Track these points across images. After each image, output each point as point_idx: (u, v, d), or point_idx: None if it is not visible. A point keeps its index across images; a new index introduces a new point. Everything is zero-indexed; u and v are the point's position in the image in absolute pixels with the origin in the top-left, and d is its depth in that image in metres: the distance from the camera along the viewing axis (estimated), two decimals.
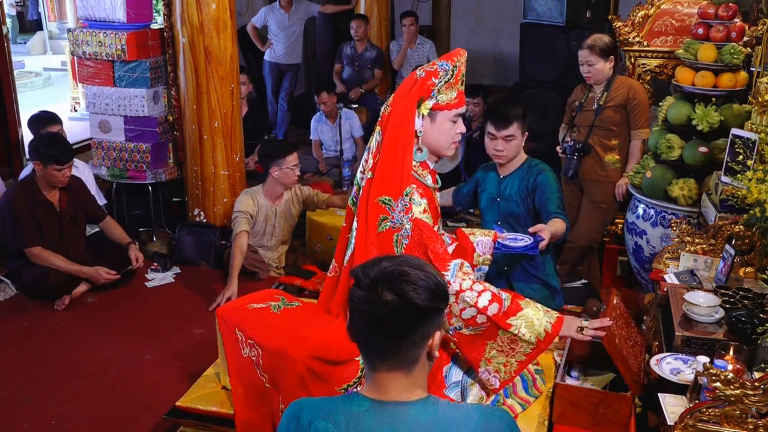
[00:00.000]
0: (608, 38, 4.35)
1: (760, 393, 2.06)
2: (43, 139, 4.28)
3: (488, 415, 1.54)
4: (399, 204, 2.38)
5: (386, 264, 1.51)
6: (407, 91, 2.44)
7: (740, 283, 2.91)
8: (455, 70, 2.43)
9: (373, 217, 2.41)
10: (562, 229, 3.12)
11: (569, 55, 6.36)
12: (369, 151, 2.53)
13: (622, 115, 4.35)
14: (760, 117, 3.30)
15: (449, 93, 2.45)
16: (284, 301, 2.80)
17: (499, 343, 2.41)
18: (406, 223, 2.38)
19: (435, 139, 2.50)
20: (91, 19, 5.03)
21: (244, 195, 4.58)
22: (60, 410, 3.32)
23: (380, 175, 2.42)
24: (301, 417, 1.56)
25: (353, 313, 1.52)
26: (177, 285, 4.61)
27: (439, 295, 1.50)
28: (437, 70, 2.42)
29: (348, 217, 2.63)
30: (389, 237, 2.38)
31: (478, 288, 2.37)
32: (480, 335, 2.40)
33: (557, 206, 3.23)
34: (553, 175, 3.35)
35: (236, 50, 4.89)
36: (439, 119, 2.48)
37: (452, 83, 2.44)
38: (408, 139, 2.42)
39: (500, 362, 2.44)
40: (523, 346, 2.42)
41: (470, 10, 10.90)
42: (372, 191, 2.43)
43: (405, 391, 1.52)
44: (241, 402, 2.63)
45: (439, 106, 2.45)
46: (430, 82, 2.42)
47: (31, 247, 4.22)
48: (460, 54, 2.46)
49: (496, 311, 2.35)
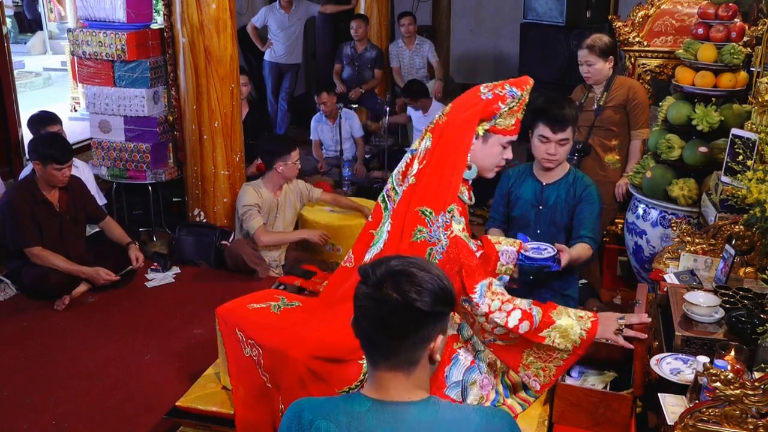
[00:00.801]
0: (608, 38, 4.35)
1: (760, 393, 2.05)
2: (42, 139, 4.28)
3: (489, 416, 1.55)
4: (440, 219, 2.36)
5: (394, 263, 1.52)
6: (468, 106, 2.42)
7: (740, 283, 2.91)
8: (521, 98, 2.43)
9: (410, 225, 2.38)
10: (585, 256, 3.09)
11: (569, 55, 6.35)
12: (416, 154, 2.50)
13: (622, 115, 4.35)
14: (760, 117, 3.30)
15: (509, 119, 2.45)
16: (284, 301, 2.79)
17: (535, 350, 2.45)
18: (444, 239, 2.35)
19: (481, 160, 2.50)
20: (91, 19, 5.03)
21: (247, 188, 4.63)
22: (60, 410, 3.32)
23: (425, 186, 2.40)
24: (302, 417, 1.56)
25: (357, 309, 1.53)
26: (177, 285, 4.61)
27: (443, 299, 1.50)
28: (506, 95, 2.40)
29: (376, 214, 2.61)
30: (423, 249, 2.36)
31: (507, 308, 2.38)
32: (515, 345, 2.45)
33: (591, 230, 3.19)
34: (598, 191, 3.31)
35: (236, 50, 4.89)
36: (491, 142, 2.48)
37: (515, 110, 2.44)
38: (462, 157, 2.40)
39: (539, 367, 2.47)
40: (559, 353, 2.45)
41: (470, 10, 10.91)
42: (414, 199, 2.40)
43: (406, 392, 1.53)
44: (242, 402, 2.63)
45: (496, 129, 2.46)
46: (496, 105, 2.40)
47: (31, 247, 4.22)
48: (529, 83, 2.45)
49: (527, 329, 2.38)
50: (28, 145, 4.35)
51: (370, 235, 2.59)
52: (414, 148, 2.54)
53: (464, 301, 2.40)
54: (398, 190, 2.52)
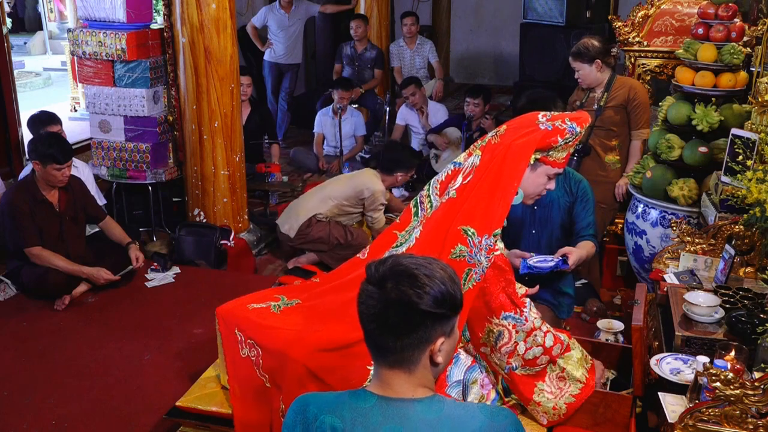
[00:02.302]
0: (594, 41, 4.31)
1: (760, 393, 2.06)
2: (42, 139, 4.28)
3: (494, 414, 1.55)
4: (483, 241, 2.34)
5: (400, 262, 1.52)
6: (525, 133, 2.43)
7: (740, 283, 2.91)
8: (578, 135, 2.46)
9: (451, 242, 2.36)
10: (591, 253, 3.14)
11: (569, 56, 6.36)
12: (460, 168, 2.49)
13: (622, 115, 4.35)
14: (760, 117, 3.30)
15: (561, 152, 2.49)
16: (284, 301, 2.79)
17: (548, 383, 2.48)
18: (485, 262, 2.34)
19: (527, 187, 2.54)
20: (91, 19, 5.02)
21: (379, 181, 4.79)
22: (60, 410, 3.32)
23: (472, 205, 2.38)
24: (307, 411, 1.56)
25: (359, 304, 1.53)
26: (177, 285, 4.61)
27: (443, 303, 1.50)
28: (566, 130, 2.42)
29: (404, 216, 2.61)
30: (461, 267, 2.34)
31: (544, 328, 2.45)
32: (532, 376, 2.48)
33: (592, 227, 3.22)
34: (589, 185, 3.34)
35: (236, 50, 4.89)
36: (540, 171, 2.53)
37: (570, 145, 2.48)
38: (515, 183, 2.40)
39: (549, 407, 2.50)
40: (570, 386, 2.49)
41: (470, 10, 10.91)
42: (458, 216, 2.38)
43: (410, 389, 1.53)
44: (239, 401, 2.63)
45: (546, 160, 2.50)
46: (554, 138, 2.43)
47: (31, 248, 4.21)
48: (587, 121, 2.50)
49: (558, 352, 2.48)
50: (28, 145, 4.35)
51: (394, 235, 2.58)
52: (459, 161, 2.53)
53: (507, 318, 2.41)
54: (433, 198, 2.51)
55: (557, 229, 3.29)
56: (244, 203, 5.17)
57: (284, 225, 4.82)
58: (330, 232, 4.73)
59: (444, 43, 10.65)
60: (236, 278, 4.69)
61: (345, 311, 2.42)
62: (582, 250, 3.05)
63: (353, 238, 4.73)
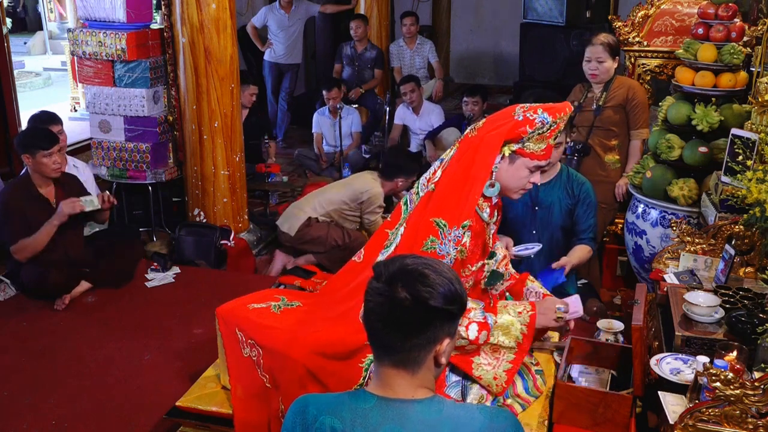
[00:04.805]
0: (614, 37, 4.36)
1: (760, 393, 2.06)
2: (24, 132, 4.30)
3: (494, 415, 1.55)
4: (452, 232, 2.33)
5: (408, 262, 1.53)
6: (498, 125, 2.41)
7: (740, 283, 2.91)
8: (553, 125, 2.37)
9: (423, 234, 2.36)
10: (586, 257, 3.16)
11: (569, 55, 6.37)
12: (441, 163, 2.49)
13: (621, 115, 4.35)
14: (760, 117, 3.30)
15: (538, 144, 2.41)
16: (284, 301, 2.79)
17: (483, 356, 2.43)
18: (453, 253, 2.33)
19: (506, 180, 2.46)
20: (91, 19, 5.02)
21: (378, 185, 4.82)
22: (60, 410, 3.32)
23: (442, 197, 2.38)
24: (306, 411, 1.56)
25: (367, 304, 1.53)
26: (177, 285, 4.61)
27: (452, 302, 1.50)
28: (535, 120, 2.35)
29: (395, 214, 2.60)
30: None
31: (465, 322, 2.35)
32: (467, 354, 2.43)
33: (591, 230, 3.23)
34: (592, 187, 3.34)
35: (236, 50, 4.89)
36: (518, 163, 2.44)
37: (545, 136, 2.39)
38: (482, 173, 2.38)
39: (490, 377, 2.44)
40: (505, 353, 2.43)
41: (470, 10, 10.92)
42: (429, 208, 2.38)
43: (410, 390, 1.53)
44: (240, 402, 2.63)
45: (524, 152, 2.42)
46: (522, 129, 2.36)
47: (13, 245, 4.16)
48: (566, 111, 2.40)
49: (485, 339, 2.38)
50: (15, 143, 4.33)
51: (385, 234, 2.58)
52: (443, 156, 2.52)
53: None
54: (421, 195, 2.51)
55: (558, 230, 3.29)
56: (244, 203, 5.17)
57: (284, 225, 4.84)
58: (329, 232, 4.75)
59: (444, 43, 10.65)
60: (236, 278, 4.69)
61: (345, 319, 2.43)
62: (575, 257, 3.10)
63: (351, 240, 4.74)
